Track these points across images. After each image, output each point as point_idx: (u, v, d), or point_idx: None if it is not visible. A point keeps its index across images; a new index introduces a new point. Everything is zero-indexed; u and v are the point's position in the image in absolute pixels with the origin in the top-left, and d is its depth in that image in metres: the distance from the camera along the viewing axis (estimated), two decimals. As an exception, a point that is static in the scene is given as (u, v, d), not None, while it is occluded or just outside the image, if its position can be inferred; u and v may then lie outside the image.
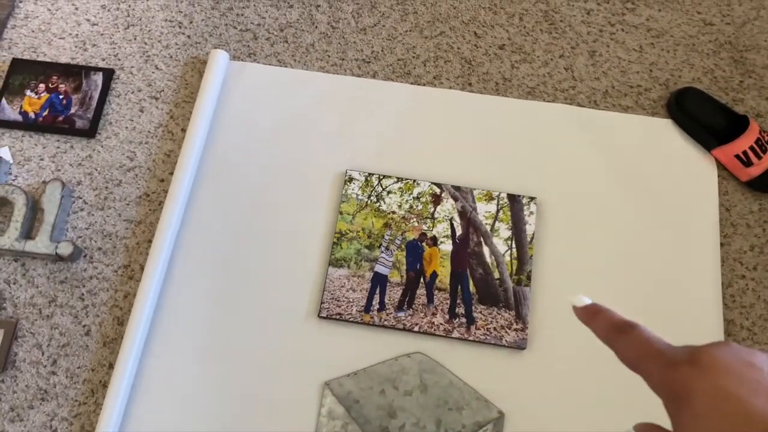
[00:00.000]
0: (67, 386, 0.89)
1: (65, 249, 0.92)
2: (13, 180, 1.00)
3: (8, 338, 0.90)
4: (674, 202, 1.01)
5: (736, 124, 1.03)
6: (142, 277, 0.92)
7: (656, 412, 0.89)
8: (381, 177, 1.01)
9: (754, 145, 0.99)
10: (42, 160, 1.01)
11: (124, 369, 0.88)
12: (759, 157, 0.98)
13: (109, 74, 1.07)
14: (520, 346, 0.91)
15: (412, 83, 1.08)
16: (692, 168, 1.03)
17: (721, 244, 0.98)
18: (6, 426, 0.87)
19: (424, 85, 1.08)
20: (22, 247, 0.92)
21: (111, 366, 0.90)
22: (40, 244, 0.93)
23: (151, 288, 0.92)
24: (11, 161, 1.00)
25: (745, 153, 0.99)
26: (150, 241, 0.97)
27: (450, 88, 1.08)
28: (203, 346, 0.92)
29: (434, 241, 0.98)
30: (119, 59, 1.08)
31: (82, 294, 0.94)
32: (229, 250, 0.97)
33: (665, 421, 0.87)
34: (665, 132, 1.06)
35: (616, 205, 1.01)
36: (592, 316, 0.37)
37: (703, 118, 1.03)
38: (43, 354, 0.91)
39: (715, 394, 0.28)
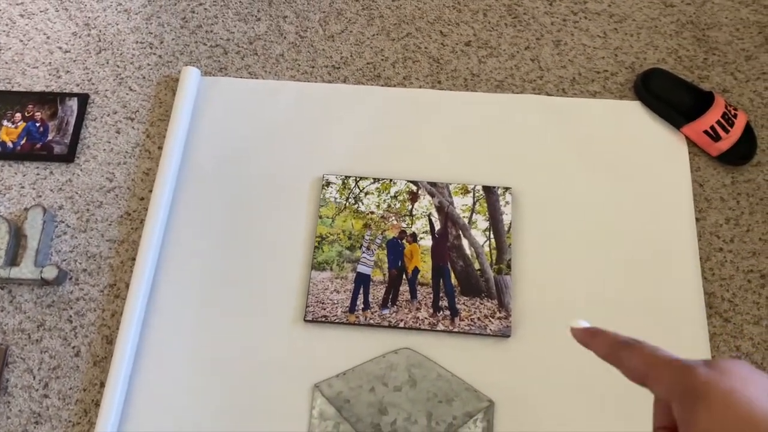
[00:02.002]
0: (60, 408, 0.90)
1: (50, 273, 0.94)
2: (-5, 209, 1.01)
3: (-1, 365, 0.91)
4: (647, 181, 1.02)
5: (703, 101, 1.05)
6: (127, 295, 0.93)
7: (641, 395, 0.90)
8: (358, 179, 1.02)
9: (721, 120, 1.00)
10: (23, 187, 1.03)
11: (115, 387, 0.88)
12: (727, 131, 1.00)
13: (84, 99, 1.08)
14: (504, 334, 0.92)
15: (382, 85, 1.10)
16: (663, 147, 1.05)
17: (697, 219, 1.00)
18: (2, 452, 0.88)
19: (394, 86, 1.10)
20: (7, 274, 0.93)
21: (102, 385, 0.91)
22: (25, 269, 0.94)
23: (138, 305, 0.93)
24: (-8, 191, 1.02)
25: (712, 128, 1.00)
26: (134, 260, 0.98)
27: (420, 87, 1.10)
28: (193, 358, 0.93)
29: (414, 237, 0.99)
30: (93, 83, 1.10)
31: (70, 316, 0.95)
32: (213, 262, 0.98)
33: (646, 407, 0.88)
34: (634, 114, 1.07)
35: (591, 189, 1.02)
36: (591, 336, 0.37)
37: (670, 98, 1.05)
38: (34, 378, 0.92)
39: (732, 396, 0.29)
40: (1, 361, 0.91)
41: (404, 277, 0.97)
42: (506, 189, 1.01)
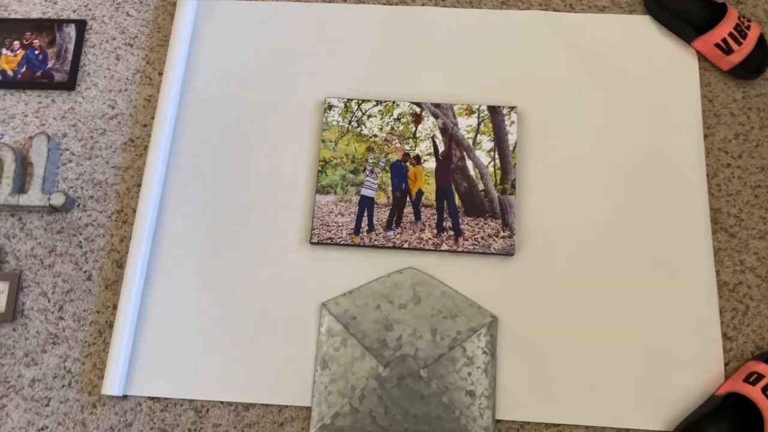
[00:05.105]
0: (75, 329, 0.93)
1: (58, 199, 0.95)
2: (0, 138, 1.01)
3: (14, 289, 0.93)
4: (656, 98, 1.00)
5: (715, 13, 1.01)
6: (135, 221, 0.95)
7: (640, 312, 0.91)
8: (360, 102, 1.01)
9: (734, 32, 0.97)
10: (26, 116, 1.03)
11: (127, 308, 0.91)
12: (739, 44, 0.97)
13: (81, 25, 1.07)
14: (508, 252, 0.93)
15: (384, 3, 1.07)
16: (673, 62, 1.02)
17: (705, 136, 0.98)
18: (22, 370, 0.91)
19: (396, 4, 1.07)
20: (16, 202, 0.95)
21: (115, 307, 0.94)
22: (33, 196, 0.95)
23: (145, 229, 0.94)
24: (-4, 120, 1.02)
25: (724, 41, 0.97)
26: (139, 185, 0.99)
27: (423, 4, 1.07)
28: (201, 280, 0.94)
29: (418, 159, 0.99)
30: (90, 9, 1.08)
31: (80, 242, 0.97)
32: (218, 187, 0.99)
33: (649, 321, 0.89)
34: (644, 29, 1.04)
35: (598, 107, 1.00)
36: None
37: (681, 10, 1.02)
38: (49, 301, 0.94)
39: None
40: (16, 285, 0.94)
41: (408, 199, 0.97)
42: (512, 108, 0.99)
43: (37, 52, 1.05)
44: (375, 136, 1.00)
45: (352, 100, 1.01)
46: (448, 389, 0.87)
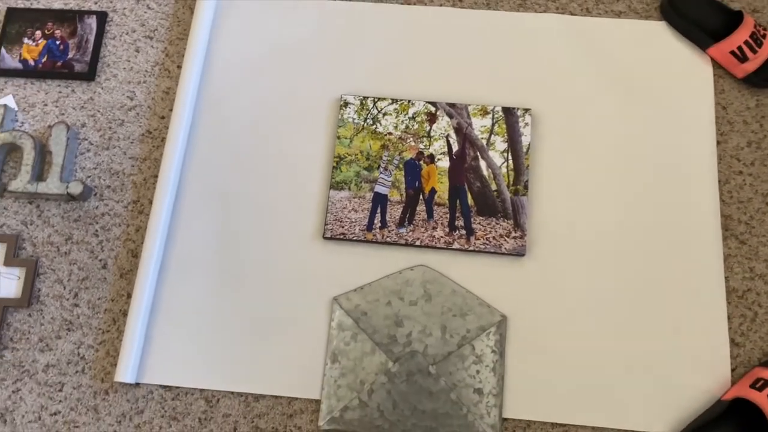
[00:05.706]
0: (90, 316, 0.94)
1: (75, 188, 0.96)
2: (20, 126, 1.03)
3: (30, 275, 0.95)
4: (670, 104, 1.01)
5: (731, 21, 1.02)
6: (151, 211, 0.96)
7: (648, 314, 0.91)
8: (376, 99, 1.02)
9: (749, 40, 0.98)
10: (45, 105, 1.04)
11: (141, 297, 0.92)
12: (754, 52, 0.97)
13: (102, 17, 1.08)
14: (519, 252, 0.94)
15: (401, 3, 1.08)
16: (688, 69, 1.03)
17: (718, 143, 0.99)
18: (37, 355, 0.92)
19: (414, 4, 1.08)
20: (34, 189, 0.96)
21: (129, 296, 0.95)
22: (51, 185, 0.96)
23: (161, 220, 0.95)
24: (16, 108, 1.03)
25: (740, 48, 0.98)
26: (156, 177, 1.00)
27: (441, 5, 1.08)
28: (215, 272, 0.96)
29: (431, 158, 1.00)
30: (111, 1, 1.10)
31: (96, 230, 0.98)
32: (233, 181, 1.00)
33: (657, 324, 0.90)
34: (659, 35, 1.05)
35: (612, 111, 1.01)
36: None
37: (697, 17, 1.02)
38: (64, 288, 0.95)
39: None
40: (33, 271, 0.95)
41: (421, 197, 0.98)
42: (526, 110, 1.00)
43: (58, 42, 1.06)
44: (390, 134, 1.01)
45: (367, 97, 1.02)
46: (457, 386, 0.88)
